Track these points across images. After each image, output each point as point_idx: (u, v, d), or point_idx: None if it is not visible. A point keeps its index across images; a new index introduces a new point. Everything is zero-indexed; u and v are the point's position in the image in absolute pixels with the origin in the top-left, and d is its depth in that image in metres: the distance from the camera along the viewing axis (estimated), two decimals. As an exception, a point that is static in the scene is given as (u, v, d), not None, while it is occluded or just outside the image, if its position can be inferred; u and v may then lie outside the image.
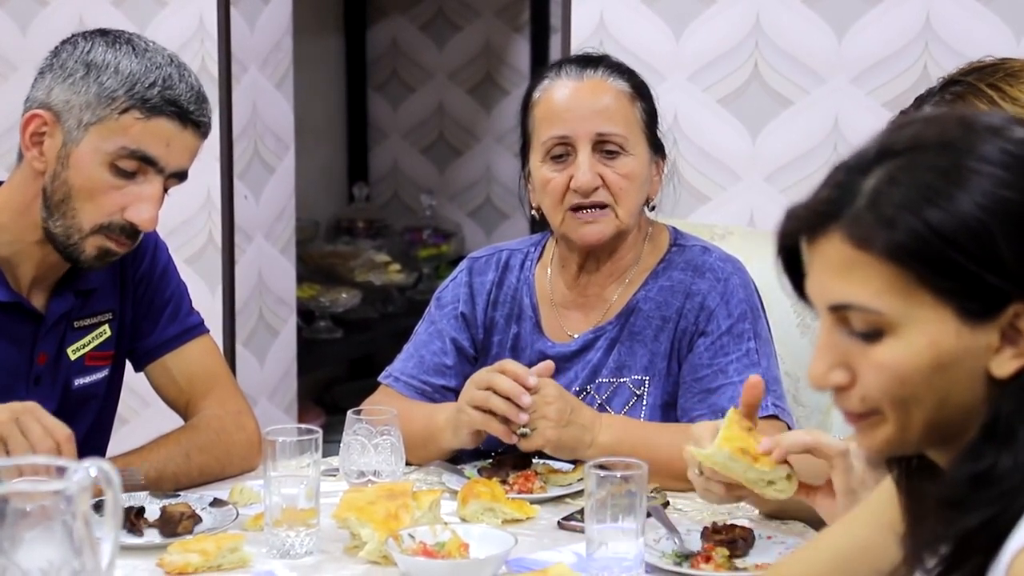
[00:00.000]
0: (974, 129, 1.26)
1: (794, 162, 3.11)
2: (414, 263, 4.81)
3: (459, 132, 5.03)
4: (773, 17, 3.09)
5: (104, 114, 2.08)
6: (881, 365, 1.25)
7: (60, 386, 2.22)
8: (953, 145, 1.25)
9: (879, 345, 1.25)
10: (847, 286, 1.26)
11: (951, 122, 1.29)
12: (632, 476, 1.84)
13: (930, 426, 1.27)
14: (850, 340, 1.27)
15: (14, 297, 2.15)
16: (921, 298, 1.23)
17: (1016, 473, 1.21)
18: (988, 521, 1.21)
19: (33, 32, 3.65)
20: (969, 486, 1.23)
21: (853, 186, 1.26)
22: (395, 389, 2.43)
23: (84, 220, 2.10)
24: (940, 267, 1.22)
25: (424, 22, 5.03)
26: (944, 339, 1.23)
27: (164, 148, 2.10)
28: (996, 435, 1.23)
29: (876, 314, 1.24)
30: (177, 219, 3.52)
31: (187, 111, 2.10)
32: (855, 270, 1.25)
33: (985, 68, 1.94)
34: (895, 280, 1.23)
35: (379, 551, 1.92)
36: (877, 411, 1.28)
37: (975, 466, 1.23)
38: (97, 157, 2.08)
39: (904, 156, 1.25)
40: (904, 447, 1.30)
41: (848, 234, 1.25)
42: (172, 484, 2.17)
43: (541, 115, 2.35)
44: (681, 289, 2.36)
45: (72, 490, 1.32)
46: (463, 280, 2.48)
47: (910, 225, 1.22)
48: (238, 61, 3.58)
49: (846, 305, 1.26)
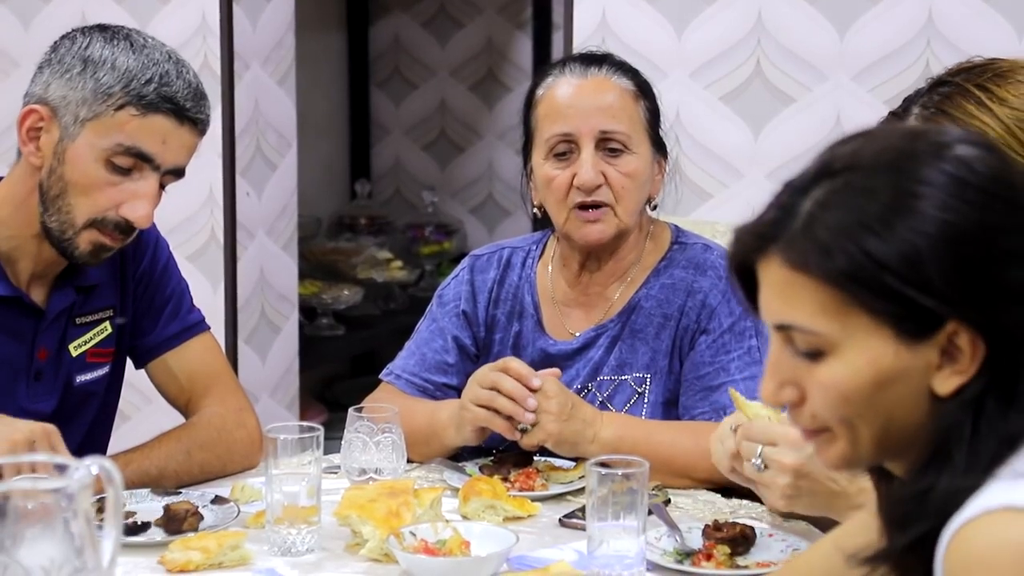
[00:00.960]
0: (914, 149, 1.26)
1: (796, 159, 3.07)
2: (416, 260, 4.81)
3: (461, 129, 5.03)
4: (775, 14, 3.09)
5: (100, 110, 2.07)
6: (825, 384, 1.27)
7: (61, 382, 2.22)
8: (890, 167, 1.25)
9: (822, 365, 1.27)
10: (786, 307, 1.27)
11: (891, 141, 1.29)
12: (633, 474, 1.84)
13: (878, 443, 1.28)
14: (796, 359, 1.29)
15: (14, 292, 2.16)
16: (858, 319, 1.24)
17: (952, 492, 1.22)
18: (923, 537, 1.22)
19: (35, 28, 3.65)
20: (909, 505, 1.25)
21: (792, 208, 1.27)
22: (396, 386, 2.43)
23: (78, 215, 2.10)
24: (874, 290, 1.22)
25: (426, 19, 5.02)
26: (883, 359, 1.24)
27: (160, 145, 2.09)
28: (936, 455, 1.24)
29: (815, 335, 1.26)
30: (179, 216, 3.52)
31: (184, 108, 2.10)
32: (793, 292, 1.26)
33: (973, 68, 1.92)
34: (831, 302, 1.24)
35: (380, 549, 1.92)
36: (827, 428, 1.30)
37: (915, 486, 1.25)
38: (93, 153, 2.08)
39: (840, 177, 1.26)
40: (858, 462, 1.32)
41: (785, 257, 1.27)
42: (173, 482, 2.17)
43: (544, 112, 2.35)
44: (683, 287, 2.36)
45: (73, 488, 1.33)
46: (465, 278, 2.48)
47: (844, 249, 1.23)
48: (240, 58, 3.58)
49: (788, 326, 1.28)
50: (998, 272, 1.22)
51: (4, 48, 3.69)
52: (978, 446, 1.23)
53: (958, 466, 1.22)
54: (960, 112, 1.86)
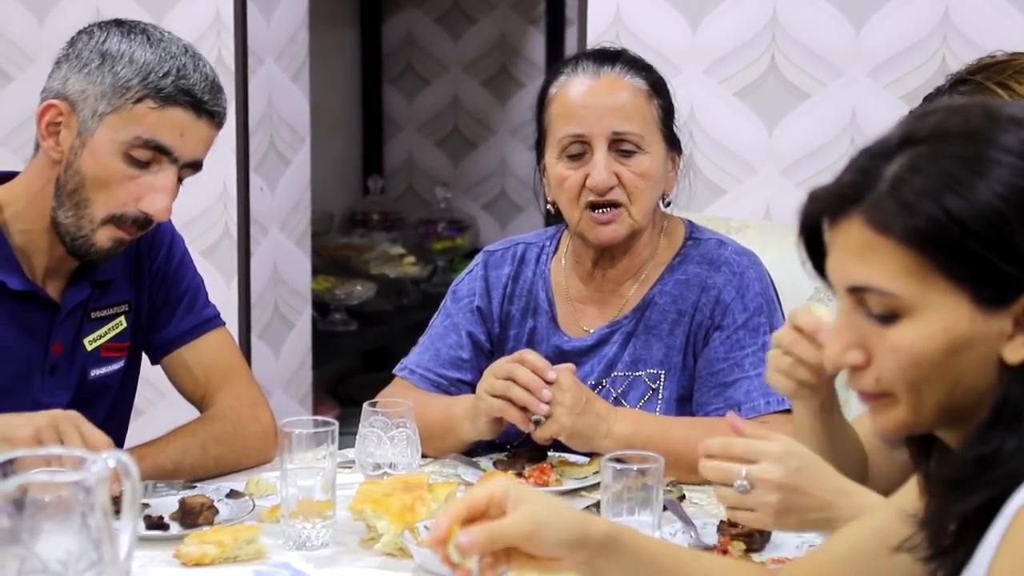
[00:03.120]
0: (997, 119, 1.27)
1: (811, 155, 3.10)
2: (429, 256, 4.82)
3: (474, 125, 5.03)
4: (790, 10, 3.08)
5: (119, 103, 2.08)
6: (896, 347, 1.27)
7: (76, 376, 2.22)
8: (975, 134, 1.26)
9: (895, 328, 1.27)
10: (866, 269, 1.28)
11: (974, 112, 1.30)
12: (648, 469, 1.83)
13: (941, 409, 1.29)
14: (867, 322, 1.29)
15: (29, 286, 2.16)
16: (937, 283, 1.25)
17: (1019, 456, 1.23)
18: (989, 502, 1.23)
19: (50, 23, 3.66)
20: (974, 468, 1.25)
21: (875, 171, 1.28)
22: (410, 382, 2.43)
23: (97, 210, 2.10)
24: (957, 254, 1.23)
25: (439, 15, 5.03)
26: (958, 324, 1.25)
27: (178, 138, 2.10)
28: (1003, 419, 1.25)
29: (893, 297, 1.26)
30: (193, 211, 3.52)
31: (201, 101, 2.10)
32: (874, 253, 1.27)
33: (993, 66, 1.91)
34: (912, 265, 1.25)
35: (395, 543, 1.92)
36: (890, 393, 1.30)
37: (981, 448, 1.25)
38: (111, 147, 2.08)
39: (926, 144, 1.27)
40: (916, 428, 1.32)
41: (868, 218, 1.27)
42: (188, 476, 2.17)
43: (557, 112, 2.34)
44: (697, 283, 2.35)
45: (91, 481, 1.33)
46: (479, 274, 2.47)
47: (929, 211, 1.24)
48: (254, 53, 3.58)
49: (864, 287, 1.28)
50: None
51: (19, 43, 3.69)
52: None
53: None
54: None
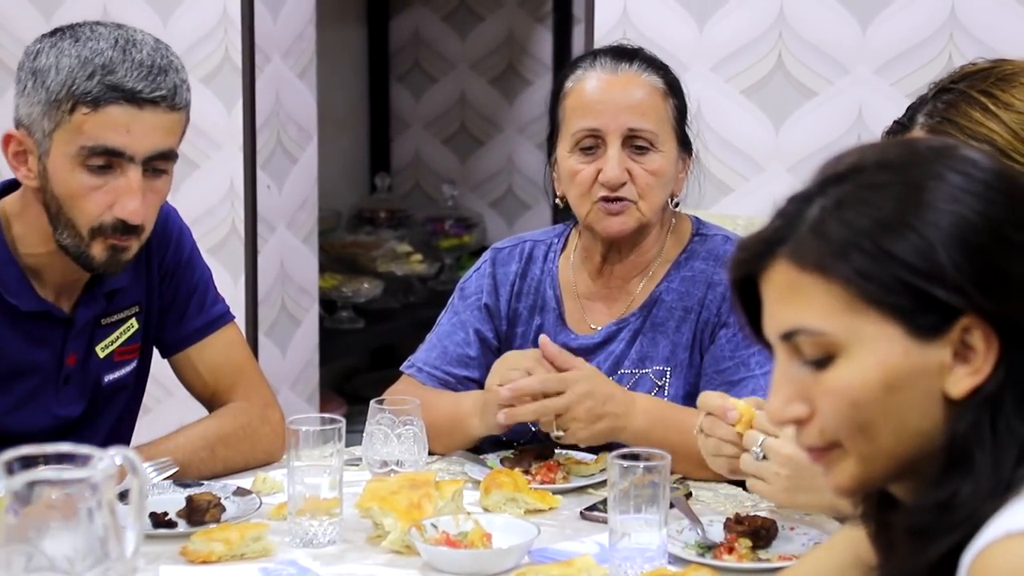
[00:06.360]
0: (915, 150, 1.28)
1: (817, 153, 3.09)
2: (436, 253, 4.81)
3: (481, 122, 5.03)
4: (797, 7, 3.08)
5: (58, 118, 2.01)
6: (833, 390, 1.25)
7: (90, 384, 2.20)
8: (894, 164, 1.26)
9: (830, 370, 1.25)
10: (793, 309, 1.26)
11: (891, 146, 1.31)
12: (655, 467, 1.83)
13: (892, 457, 1.26)
14: (804, 370, 1.27)
15: (42, 306, 2.13)
16: (867, 316, 1.23)
17: (977, 498, 1.20)
18: (955, 547, 1.20)
19: (57, 21, 3.63)
20: (934, 514, 1.22)
21: (798, 213, 1.27)
22: (418, 379, 2.43)
23: (81, 226, 2.05)
24: (883, 283, 1.22)
25: (447, 12, 5.02)
26: (893, 358, 1.23)
27: (125, 135, 2.01)
28: (955, 461, 1.22)
29: (822, 335, 1.24)
30: (200, 209, 3.52)
31: (135, 91, 2.00)
32: (800, 293, 1.26)
33: (977, 74, 1.87)
34: (839, 299, 1.23)
35: (402, 541, 1.92)
36: (836, 443, 1.27)
37: (938, 494, 1.22)
38: (67, 162, 2.02)
39: (846, 180, 1.27)
40: (869, 482, 1.29)
41: (792, 257, 1.26)
42: (195, 477, 2.16)
43: (572, 105, 2.34)
44: (703, 279, 2.35)
45: (97, 478, 1.33)
46: (486, 271, 2.47)
47: (851, 241, 1.23)
48: (261, 51, 3.58)
49: (794, 330, 1.26)
50: (1008, 264, 1.22)
51: (26, 41, 3.66)
52: (999, 449, 1.21)
53: (981, 470, 1.21)
54: (966, 120, 1.82)
